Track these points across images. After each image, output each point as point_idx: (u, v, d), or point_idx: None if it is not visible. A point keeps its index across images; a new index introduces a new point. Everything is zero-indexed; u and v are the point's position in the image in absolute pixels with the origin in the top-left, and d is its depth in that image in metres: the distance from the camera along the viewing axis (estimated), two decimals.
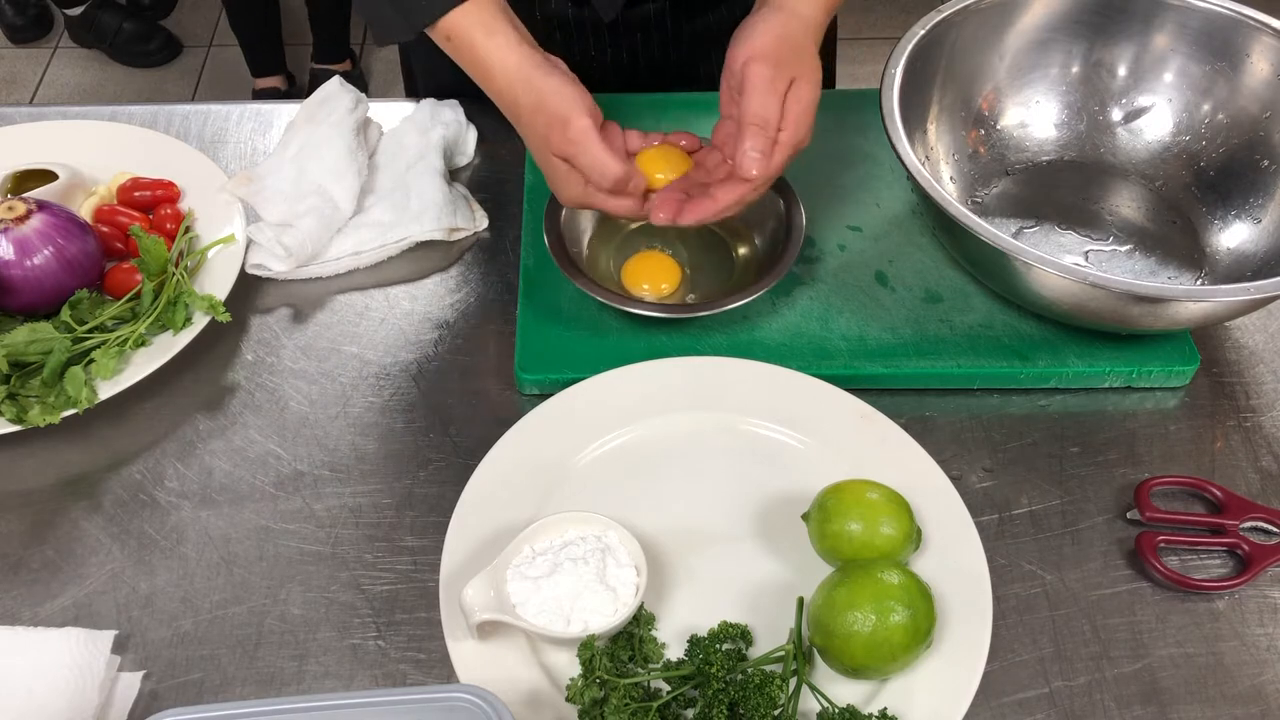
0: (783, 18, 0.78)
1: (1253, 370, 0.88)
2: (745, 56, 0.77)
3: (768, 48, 0.76)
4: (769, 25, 0.78)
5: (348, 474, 0.81)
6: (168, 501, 0.80)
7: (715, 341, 0.87)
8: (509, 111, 0.81)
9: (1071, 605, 0.75)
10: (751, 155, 0.75)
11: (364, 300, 0.92)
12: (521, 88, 0.78)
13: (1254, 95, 0.93)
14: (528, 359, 0.85)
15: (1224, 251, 0.92)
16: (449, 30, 0.80)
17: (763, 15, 0.79)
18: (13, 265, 0.84)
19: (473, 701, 0.59)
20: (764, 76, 0.76)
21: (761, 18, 0.79)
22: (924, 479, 0.77)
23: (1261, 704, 0.71)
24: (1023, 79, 0.99)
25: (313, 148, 0.95)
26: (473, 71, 0.81)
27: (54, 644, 0.71)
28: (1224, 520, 0.78)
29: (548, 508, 0.76)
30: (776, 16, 0.78)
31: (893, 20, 0.79)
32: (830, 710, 0.66)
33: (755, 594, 0.74)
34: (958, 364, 0.85)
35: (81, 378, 0.81)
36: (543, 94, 0.77)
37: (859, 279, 0.91)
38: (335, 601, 0.75)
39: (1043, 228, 0.95)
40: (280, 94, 2.64)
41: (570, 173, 0.79)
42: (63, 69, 2.80)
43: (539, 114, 0.78)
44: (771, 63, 0.76)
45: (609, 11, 0.98)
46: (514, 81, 0.78)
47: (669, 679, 0.68)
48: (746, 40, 0.78)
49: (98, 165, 0.98)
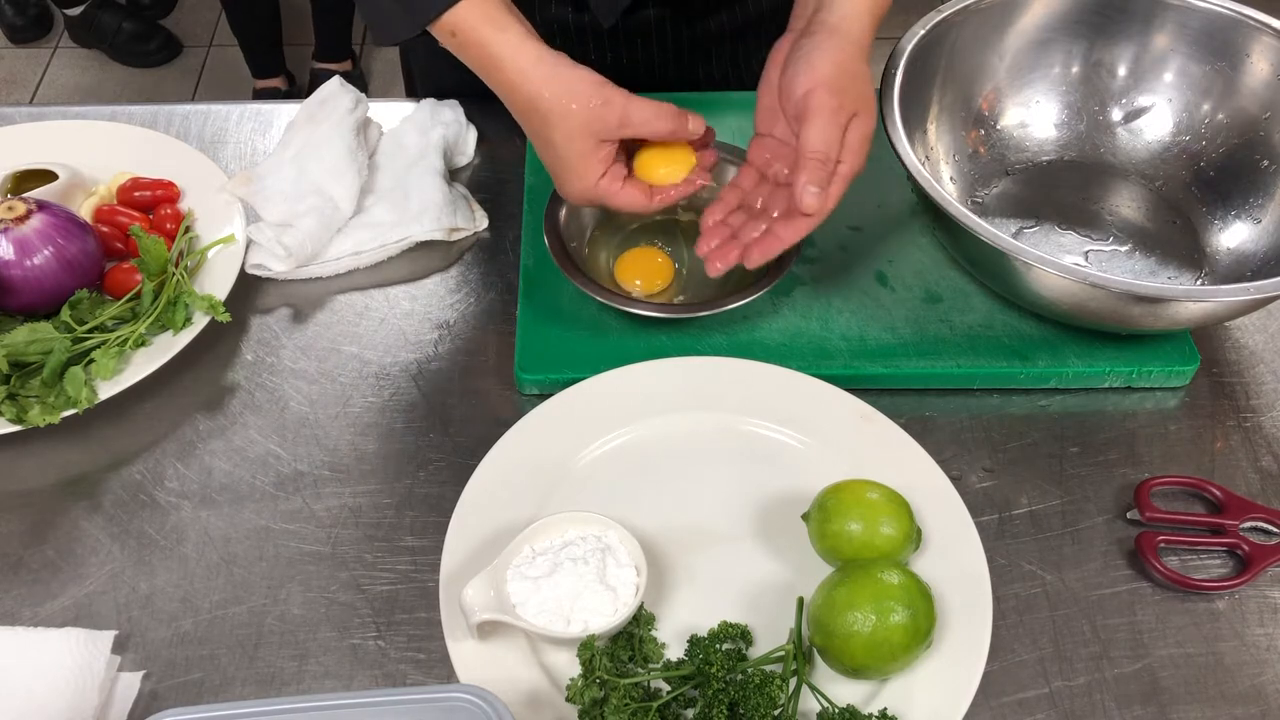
0: (839, 42, 0.76)
1: (1253, 370, 0.88)
2: (809, 85, 0.74)
3: (830, 77, 0.74)
4: (828, 53, 0.75)
5: (348, 474, 0.81)
6: (168, 501, 0.80)
7: (715, 341, 0.87)
8: (523, 103, 0.78)
9: (1071, 605, 0.75)
10: (810, 190, 0.73)
11: (364, 300, 0.92)
12: (542, 79, 0.77)
13: (1254, 95, 0.93)
14: (528, 359, 0.85)
15: (1224, 251, 0.92)
16: (454, 25, 0.78)
17: (819, 41, 0.76)
18: (13, 265, 0.84)
19: (473, 701, 0.59)
20: (829, 107, 0.74)
21: (818, 44, 0.76)
22: (924, 479, 0.77)
23: (1261, 704, 0.71)
24: (1023, 79, 0.99)
25: (313, 148, 0.95)
26: (480, 66, 0.79)
27: (54, 644, 0.71)
28: (1224, 520, 0.78)
29: (548, 508, 0.76)
30: (833, 41, 0.76)
31: (893, 20, 0.79)
32: (830, 710, 0.66)
33: (755, 594, 0.74)
34: (958, 364, 0.85)
35: (81, 378, 0.81)
36: (570, 82, 0.77)
37: (859, 279, 0.91)
38: (335, 601, 0.75)
39: (1043, 228, 0.95)
40: (280, 94, 2.64)
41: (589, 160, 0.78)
42: (63, 69, 2.81)
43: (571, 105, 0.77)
44: (835, 92, 0.74)
45: (608, 17, 0.98)
46: (531, 74, 0.77)
47: (669, 679, 0.68)
48: (808, 68, 0.75)
49: (98, 165, 0.98)
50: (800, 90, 0.75)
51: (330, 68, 2.64)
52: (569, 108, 0.77)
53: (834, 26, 0.76)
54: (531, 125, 0.80)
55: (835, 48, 0.76)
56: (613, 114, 0.77)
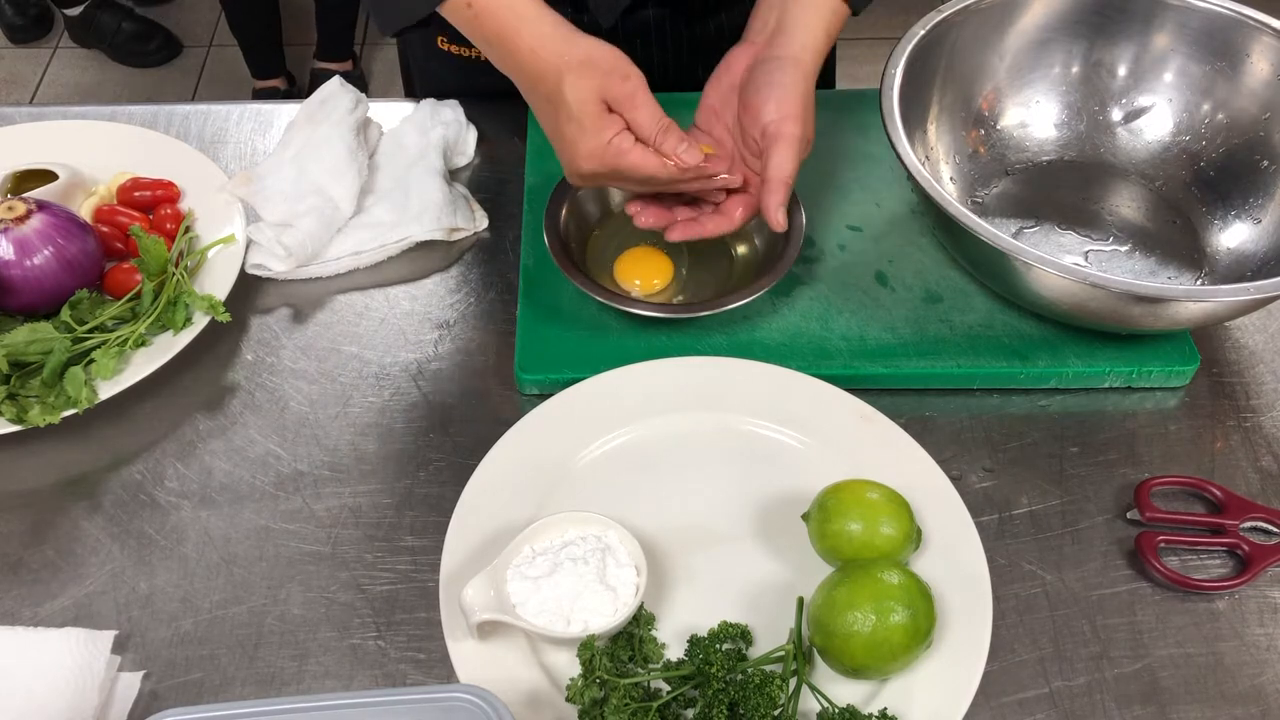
0: (803, 75, 0.81)
1: (1253, 370, 0.88)
2: (781, 114, 0.80)
3: (799, 110, 0.80)
4: (797, 85, 0.81)
5: (348, 474, 0.81)
6: (168, 501, 0.80)
7: (715, 341, 0.87)
8: (541, 64, 0.79)
9: (1071, 605, 0.75)
10: (781, 211, 0.80)
11: (364, 300, 0.92)
12: (563, 39, 0.78)
13: (1254, 95, 0.93)
14: (528, 359, 0.85)
15: (1224, 251, 0.92)
16: None
17: (785, 70, 0.81)
18: (13, 265, 0.84)
19: (473, 701, 0.59)
20: (797, 137, 0.80)
21: (785, 73, 0.81)
22: (924, 479, 0.77)
23: (1261, 704, 0.71)
24: (1023, 79, 0.99)
25: (313, 148, 0.95)
26: (497, 33, 0.79)
27: (54, 644, 0.71)
28: (1224, 520, 0.78)
29: (548, 508, 0.76)
30: (798, 73, 0.81)
31: (893, 20, 0.79)
32: (830, 710, 0.66)
33: (755, 594, 0.74)
34: (958, 364, 0.85)
35: (81, 378, 0.81)
36: (592, 46, 0.78)
37: (859, 279, 0.91)
38: (335, 601, 0.75)
39: (1043, 228, 0.95)
40: (280, 94, 2.64)
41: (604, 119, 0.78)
42: (63, 69, 2.81)
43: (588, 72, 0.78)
44: (803, 124, 0.80)
45: (608, 17, 0.98)
46: (553, 35, 0.78)
47: (669, 679, 0.68)
48: (780, 96, 0.80)
49: (98, 165, 0.98)
50: (771, 116, 0.80)
51: (331, 67, 2.64)
52: (588, 67, 0.78)
53: (795, 58, 0.81)
54: (545, 88, 0.79)
55: (801, 79, 0.81)
56: (627, 86, 0.79)
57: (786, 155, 0.80)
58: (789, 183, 0.80)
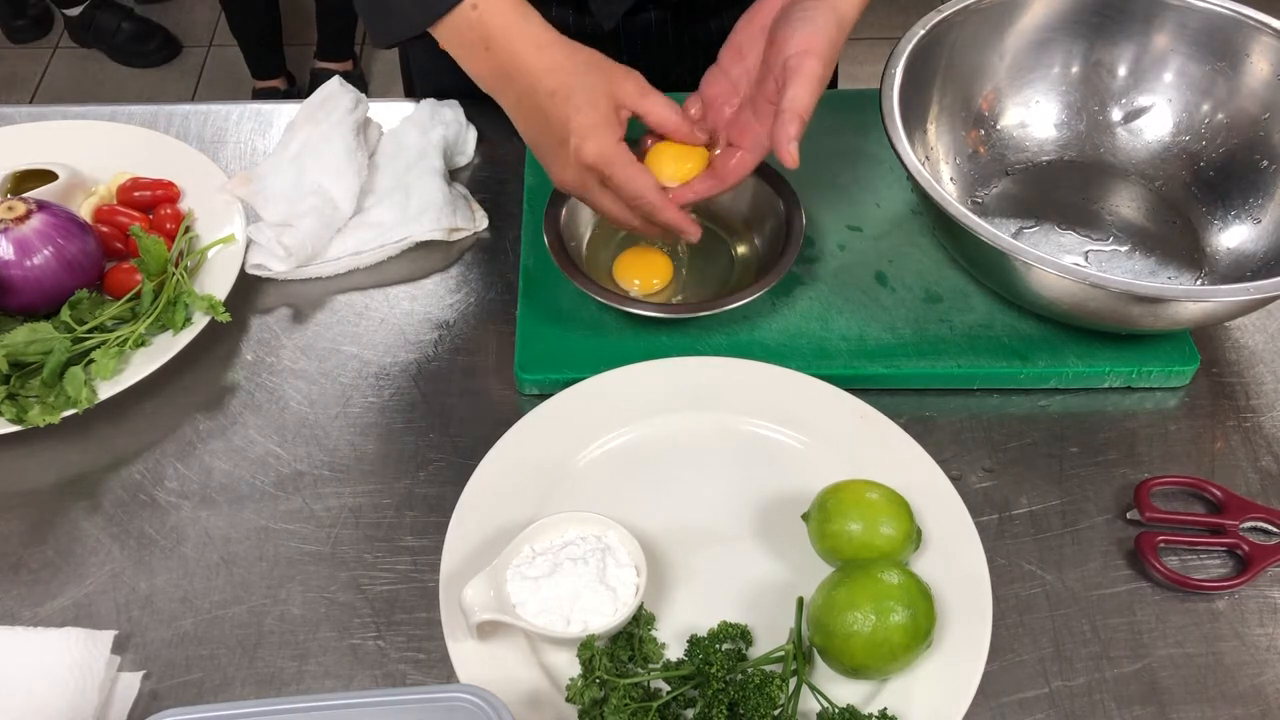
0: (837, 19, 0.79)
1: (1253, 370, 0.88)
2: (804, 48, 0.78)
3: (825, 48, 0.78)
4: (825, 26, 0.79)
5: (348, 474, 0.81)
6: (168, 501, 0.80)
7: (715, 341, 0.87)
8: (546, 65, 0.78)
9: (1071, 605, 0.75)
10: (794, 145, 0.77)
11: (364, 300, 0.92)
12: (567, 45, 0.79)
13: (1254, 95, 0.93)
14: (528, 359, 0.85)
15: (1224, 251, 0.92)
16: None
17: (822, 10, 0.79)
18: (13, 265, 0.84)
19: (473, 701, 0.59)
20: (818, 75, 0.78)
21: (821, 13, 0.79)
22: (924, 479, 0.77)
23: (1261, 704, 0.71)
24: (1023, 79, 0.99)
25: (313, 148, 0.95)
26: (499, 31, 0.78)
27: (54, 644, 0.71)
28: (1224, 520, 0.78)
29: (548, 508, 0.76)
30: (830, 17, 0.79)
31: (893, 20, 0.79)
32: (830, 710, 0.66)
33: (755, 594, 0.74)
34: (958, 364, 0.85)
35: (81, 378, 0.81)
36: (593, 54, 0.79)
37: (859, 279, 0.91)
38: (335, 601, 0.75)
39: (1043, 228, 0.95)
40: (280, 94, 2.64)
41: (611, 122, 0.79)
42: (63, 69, 2.81)
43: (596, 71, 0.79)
44: (826, 63, 0.78)
45: (609, 19, 0.98)
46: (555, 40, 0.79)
47: (669, 679, 0.68)
48: (811, 31, 0.78)
49: (98, 165, 0.98)
50: (796, 48, 0.78)
51: (331, 67, 2.64)
52: (594, 71, 0.78)
53: (833, 3, 0.79)
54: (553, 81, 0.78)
55: (835, 22, 0.79)
56: (633, 84, 0.79)
57: (804, 88, 0.77)
58: (804, 117, 0.77)
